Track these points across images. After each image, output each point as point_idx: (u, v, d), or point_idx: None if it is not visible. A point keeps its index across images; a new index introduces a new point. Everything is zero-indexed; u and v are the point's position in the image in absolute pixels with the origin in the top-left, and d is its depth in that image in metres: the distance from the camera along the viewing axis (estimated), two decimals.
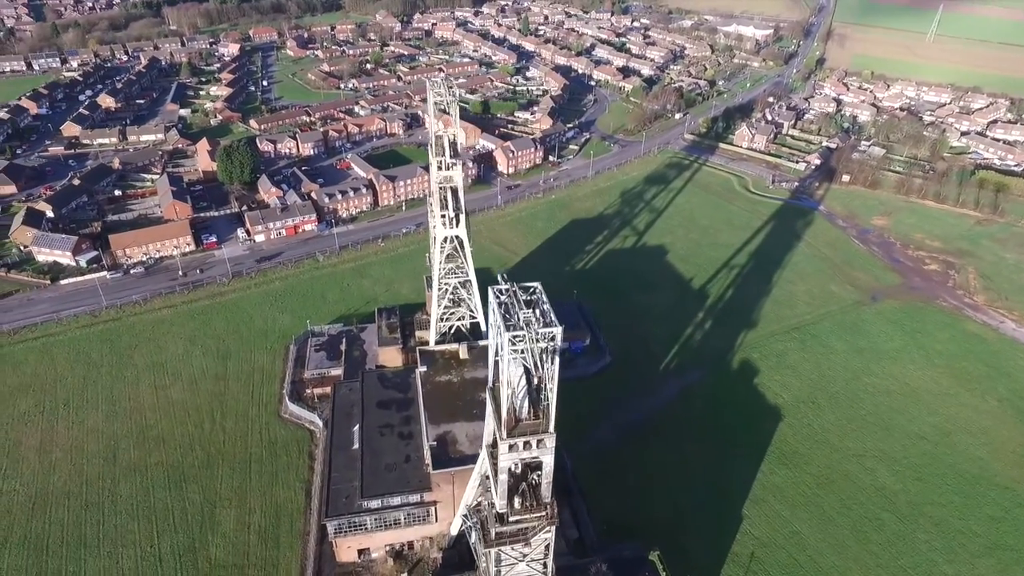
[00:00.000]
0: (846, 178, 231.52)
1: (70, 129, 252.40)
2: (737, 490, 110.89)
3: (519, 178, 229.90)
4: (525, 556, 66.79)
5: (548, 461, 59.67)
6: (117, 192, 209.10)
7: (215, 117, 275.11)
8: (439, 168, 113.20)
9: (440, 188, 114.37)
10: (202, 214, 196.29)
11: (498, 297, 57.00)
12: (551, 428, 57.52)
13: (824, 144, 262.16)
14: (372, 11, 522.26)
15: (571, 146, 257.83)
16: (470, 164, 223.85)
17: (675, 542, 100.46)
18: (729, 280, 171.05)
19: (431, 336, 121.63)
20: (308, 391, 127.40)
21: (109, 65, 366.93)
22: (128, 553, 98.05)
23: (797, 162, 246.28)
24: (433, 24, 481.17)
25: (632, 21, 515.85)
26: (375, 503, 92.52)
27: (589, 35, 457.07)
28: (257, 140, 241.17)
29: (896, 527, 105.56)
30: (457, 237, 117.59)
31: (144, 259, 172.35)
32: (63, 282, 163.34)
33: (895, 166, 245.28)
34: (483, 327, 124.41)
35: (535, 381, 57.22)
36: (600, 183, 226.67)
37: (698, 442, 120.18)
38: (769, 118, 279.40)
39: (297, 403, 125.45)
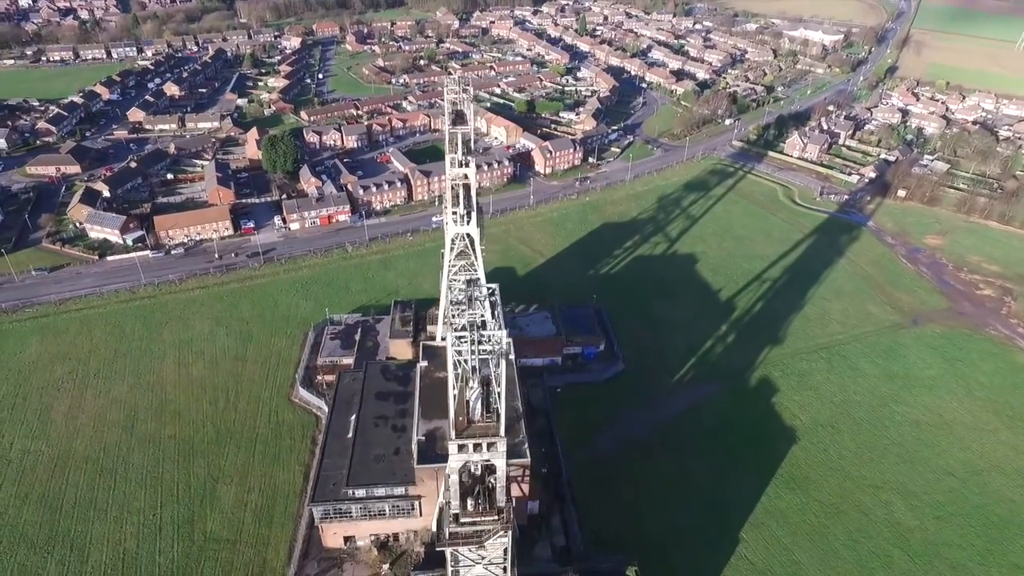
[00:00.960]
0: (902, 193, 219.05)
1: (135, 115, 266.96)
2: (737, 511, 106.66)
3: (555, 179, 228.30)
4: (483, 559, 66.14)
5: (500, 465, 58.84)
6: (169, 176, 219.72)
7: (269, 107, 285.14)
8: (453, 165, 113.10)
9: (453, 185, 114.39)
10: (244, 200, 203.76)
11: (456, 294, 56.43)
12: (502, 432, 56.55)
13: (882, 156, 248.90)
14: (433, 8, 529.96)
15: (613, 148, 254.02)
16: (506, 163, 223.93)
17: (665, 559, 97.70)
18: (758, 294, 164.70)
19: (438, 332, 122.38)
20: (319, 377, 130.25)
21: (180, 55, 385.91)
22: (132, 519, 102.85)
23: (850, 174, 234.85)
24: (491, 22, 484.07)
25: (694, 23, 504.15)
26: (361, 492, 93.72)
27: (647, 36, 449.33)
28: (304, 131, 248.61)
29: (906, 566, 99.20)
30: (468, 235, 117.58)
31: (185, 240, 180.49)
32: (109, 258, 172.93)
33: (958, 183, 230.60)
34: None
35: (491, 383, 56.44)
36: (637, 187, 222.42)
37: (702, 458, 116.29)
38: (825, 127, 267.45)
39: (308, 388, 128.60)
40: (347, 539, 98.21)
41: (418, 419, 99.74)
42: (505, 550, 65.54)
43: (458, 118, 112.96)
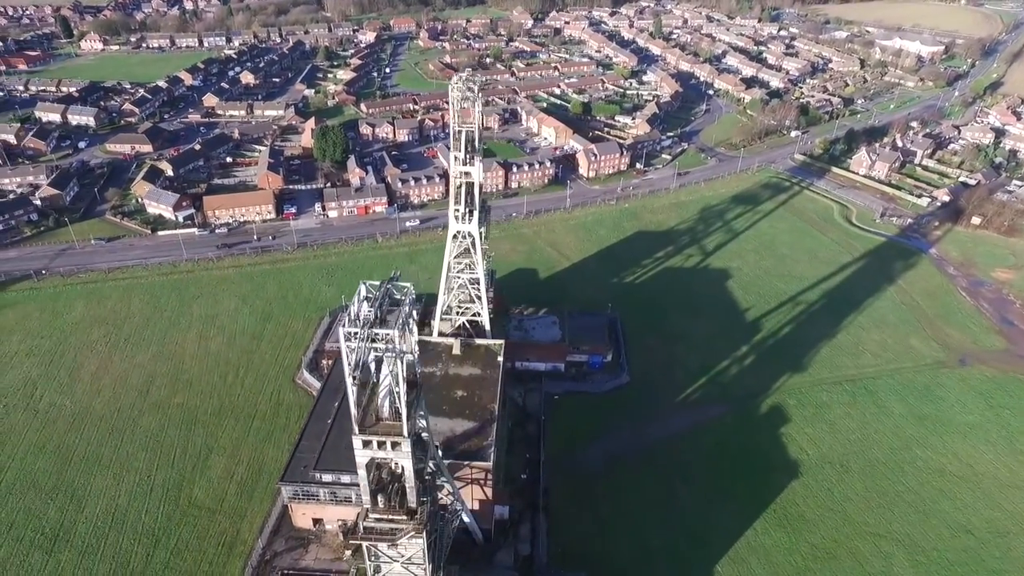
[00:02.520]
0: (976, 220, 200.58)
1: (209, 100, 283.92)
2: (718, 543, 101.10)
3: (598, 183, 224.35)
4: (402, 557, 65.93)
5: (407, 466, 58.28)
6: (228, 159, 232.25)
7: (332, 99, 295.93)
8: (456, 163, 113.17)
9: (457, 182, 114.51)
10: (291, 186, 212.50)
11: (368, 291, 56.40)
12: (404, 432, 56.01)
13: (961, 179, 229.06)
14: (510, 7, 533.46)
15: (663, 155, 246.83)
16: (547, 164, 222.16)
17: None
18: (789, 316, 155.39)
19: (435, 328, 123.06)
20: (324, 361, 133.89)
21: (264, 46, 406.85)
22: (129, 478, 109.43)
23: (920, 196, 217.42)
24: (565, 22, 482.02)
25: (779, 30, 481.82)
26: (328, 477, 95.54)
27: (725, 41, 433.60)
28: (359, 123, 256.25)
29: None
30: (470, 233, 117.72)
31: (229, 221, 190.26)
32: (160, 233, 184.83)
33: None
34: (486, 326, 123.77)
35: (398, 382, 55.94)
36: (681, 196, 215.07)
37: (691, 483, 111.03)
38: (899, 144, 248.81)
39: (312, 372, 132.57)
40: (316, 521, 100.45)
41: None
42: (422, 552, 64.84)
43: (512, 116, 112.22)
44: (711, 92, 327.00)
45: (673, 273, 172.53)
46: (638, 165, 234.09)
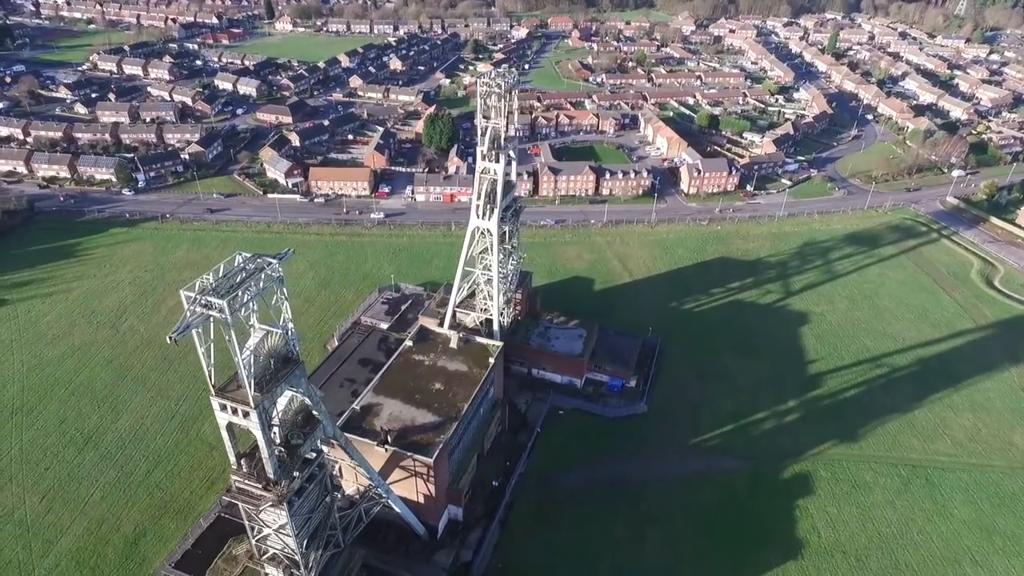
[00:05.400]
0: None
1: (354, 81, 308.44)
2: None
3: (696, 200, 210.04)
4: (273, 524, 67.98)
5: (257, 435, 59.77)
6: (350, 136, 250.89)
7: (463, 90, 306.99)
8: (482, 158, 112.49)
9: (481, 178, 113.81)
10: (394, 167, 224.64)
11: (241, 262, 58.56)
12: (249, 402, 57.48)
13: None
14: (677, 11, 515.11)
15: (783, 179, 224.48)
16: (644, 174, 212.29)
17: None
18: (862, 378, 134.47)
19: (446, 320, 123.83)
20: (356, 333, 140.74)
21: (424, 35, 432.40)
22: (160, 403, 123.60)
23: None
24: (731, 31, 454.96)
25: (989, 53, 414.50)
26: None
27: (911, 62, 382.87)
28: (474, 115, 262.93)
29: None
30: (488, 231, 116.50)
31: (328, 192, 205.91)
32: (270, 196, 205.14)
33: None
34: (495, 326, 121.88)
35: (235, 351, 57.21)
36: (784, 227, 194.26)
37: (666, 536, 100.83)
38: None
39: (342, 341, 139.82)
40: None
41: (369, 391, 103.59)
42: (286, 526, 66.24)
43: (631, 122, 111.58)
44: (870, 117, 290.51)
45: (740, 307, 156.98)
46: (748, 187, 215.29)
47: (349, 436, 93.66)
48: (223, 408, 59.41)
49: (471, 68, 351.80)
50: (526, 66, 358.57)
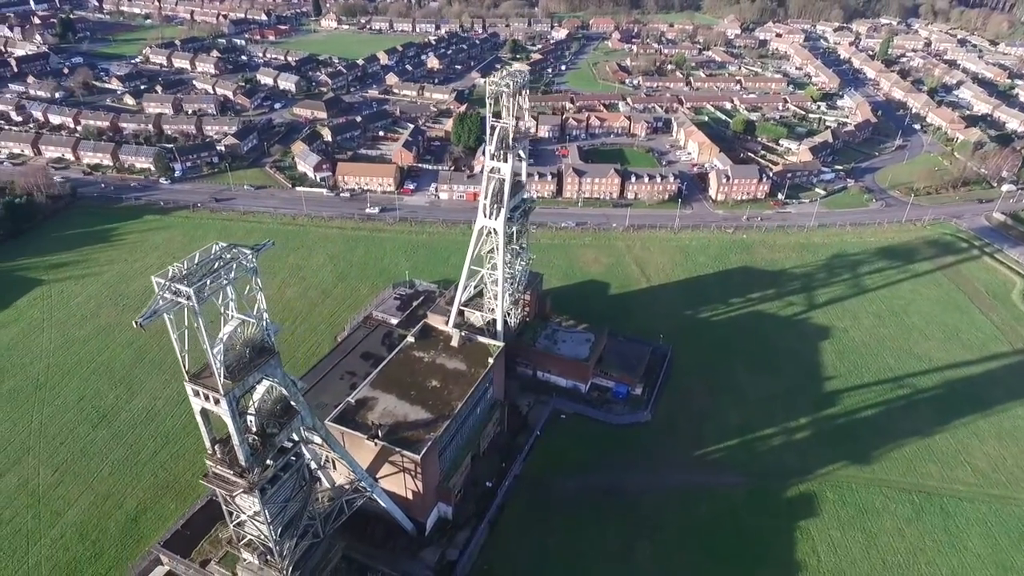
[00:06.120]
0: None
1: (390, 79, 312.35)
2: None
3: (723, 207, 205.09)
4: (248, 510, 69.15)
5: (228, 422, 60.81)
6: (381, 133, 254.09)
7: None
8: (491, 158, 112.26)
9: (489, 177, 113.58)
10: (421, 164, 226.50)
11: (217, 251, 59.70)
12: (219, 389, 58.52)
13: None
14: (723, 14, 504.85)
15: (817, 189, 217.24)
16: (671, 179, 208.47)
17: None
18: (882, 398, 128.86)
19: (451, 319, 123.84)
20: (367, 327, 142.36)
21: (465, 35, 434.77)
22: (173, 386, 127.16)
23: None
24: (777, 35, 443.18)
25: None
26: None
27: (970, 69, 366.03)
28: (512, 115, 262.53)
29: None
30: (495, 230, 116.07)
31: (354, 187, 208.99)
32: (298, 189, 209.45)
33: None
34: (499, 326, 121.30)
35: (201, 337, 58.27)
36: (813, 237, 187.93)
37: (658, 549, 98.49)
38: None
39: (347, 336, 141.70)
40: None
41: (366, 385, 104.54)
42: (258, 512, 67.26)
43: (664, 126, 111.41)
44: (917, 127, 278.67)
45: (759, 319, 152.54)
46: (779, 195, 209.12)
47: (342, 429, 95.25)
48: (196, 394, 60.72)
49: (506, 68, 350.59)
50: (562, 67, 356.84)
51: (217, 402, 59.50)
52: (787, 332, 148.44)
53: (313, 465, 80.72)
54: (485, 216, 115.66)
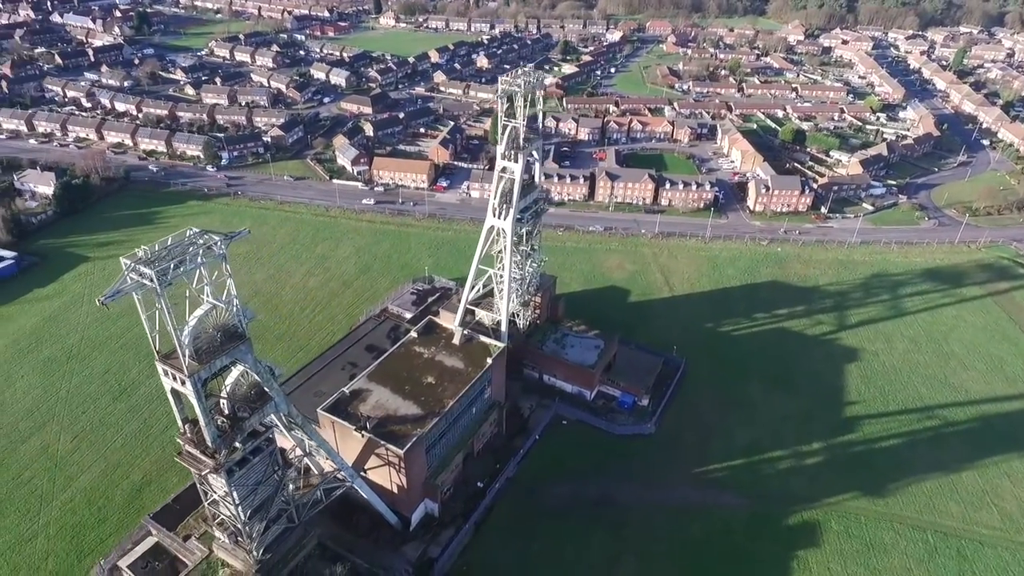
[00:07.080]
0: None
1: (438, 77, 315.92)
2: None
3: (761, 219, 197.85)
4: (219, 491, 71.06)
5: (194, 403, 62.55)
6: (422, 130, 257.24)
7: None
8: (501, 157, 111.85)
9: (500, 176, 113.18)
10: (456, 162, 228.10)
11: (191, 238, 61.35)
12: (184, 370, 60.27)
13: None
14: (789, 19, 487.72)
15: (864, 204, 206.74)
16: (707, 188, 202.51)
17: None
18: (907, 428, 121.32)
19: (457, 317, 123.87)
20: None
21: (518, 35, 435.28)
22: None
23: None
24: (843, 41, 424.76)
25: None
26: None
27: None
28: (545, 115, 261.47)
29: None
30: (503, 231, 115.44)
31: (388, 182, 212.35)
32: (335, 182, 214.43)
33: None
34: (503, 327, 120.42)
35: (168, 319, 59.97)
36: (854, 255, 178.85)
37: (645, 565, 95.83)
38: None
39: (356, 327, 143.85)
40: None
41: (363, 376, 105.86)
42: (227, 493, 68.98)
43: (709, 133, 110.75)
44: (986, 142, 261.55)
45: (783, 336, 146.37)
46: (822, 208, 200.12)
47: (333, 418, 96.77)
48: (165, 373, 62.72)
49: (555, 69, 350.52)
50: (612, 69, 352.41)
51: (183, 383, 61.29)
52: (812, 352, 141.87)
53: (299, 452, 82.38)
54: (494, 216, 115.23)
